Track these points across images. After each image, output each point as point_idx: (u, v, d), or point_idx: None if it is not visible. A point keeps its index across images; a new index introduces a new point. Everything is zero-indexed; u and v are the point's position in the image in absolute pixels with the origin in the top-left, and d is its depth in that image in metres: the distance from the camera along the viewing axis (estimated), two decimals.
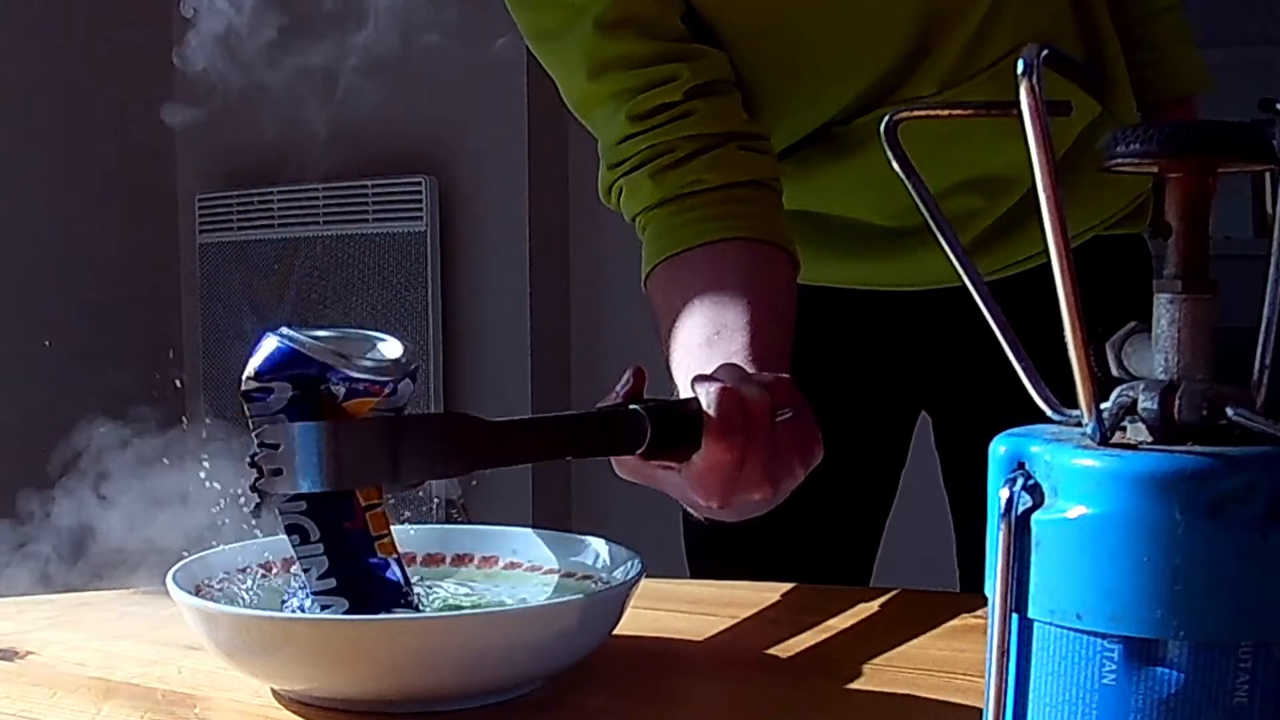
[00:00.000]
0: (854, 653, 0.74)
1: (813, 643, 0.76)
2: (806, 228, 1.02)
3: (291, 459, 0.60)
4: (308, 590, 0.68)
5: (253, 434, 0.65)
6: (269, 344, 0.66)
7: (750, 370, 0.78)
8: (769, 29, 0.95)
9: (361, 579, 0.68)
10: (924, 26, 0.94)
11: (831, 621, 0.81)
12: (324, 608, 0.67)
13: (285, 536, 0.67)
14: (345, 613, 0.67)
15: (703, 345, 0.82)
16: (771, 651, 0.75)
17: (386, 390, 0.68)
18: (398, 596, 0.69)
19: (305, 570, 0.67)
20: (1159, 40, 1.10)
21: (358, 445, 0.61)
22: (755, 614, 0.83)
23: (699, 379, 0.72)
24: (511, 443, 0.68)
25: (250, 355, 0.66)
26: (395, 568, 0.70)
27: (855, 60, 0.96)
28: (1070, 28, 1.01)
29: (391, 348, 0.69)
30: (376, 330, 0.71)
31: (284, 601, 0.70)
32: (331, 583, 0.67)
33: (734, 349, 0.81)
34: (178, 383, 2.80)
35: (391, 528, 0.70)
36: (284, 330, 0.66)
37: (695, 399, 0.71)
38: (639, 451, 0.70)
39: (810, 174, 1.01)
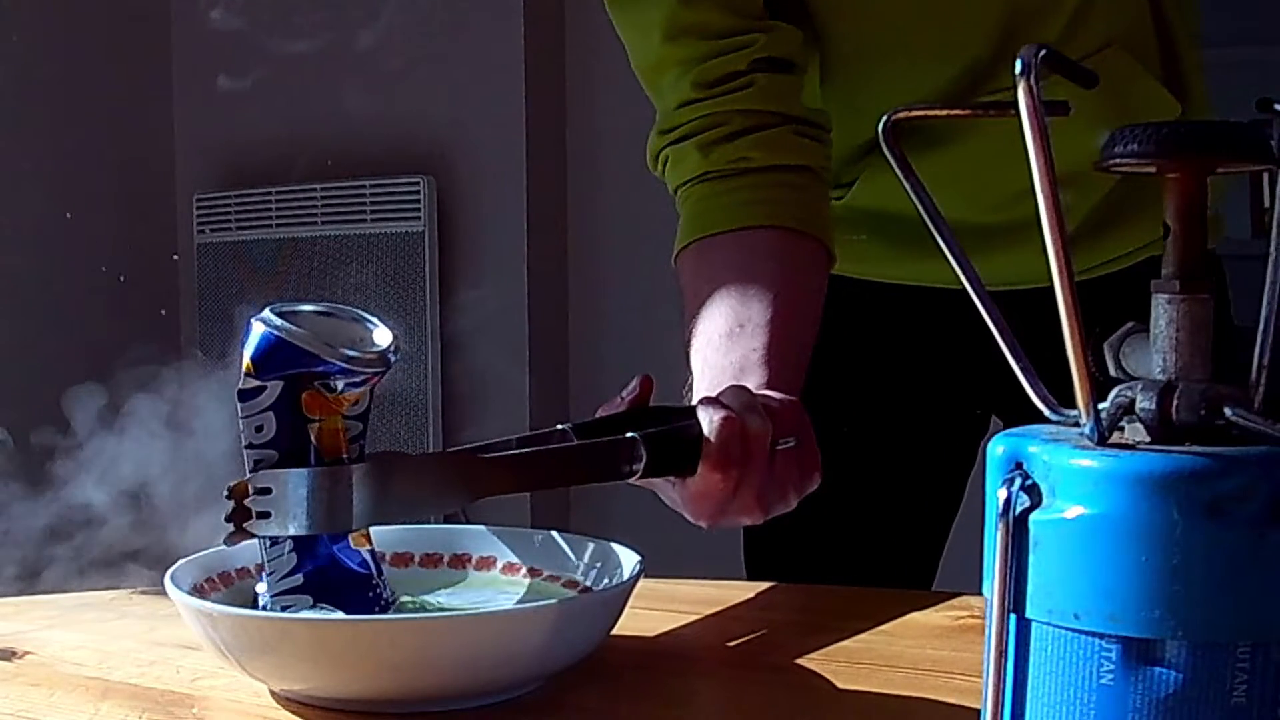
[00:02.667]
0: (854, 653, 0.74)
1: (815, 642, 0.76)
2: (893, 226, 1.02)
3: (283, 503, 0.61)
4: (269, 593, 0.68)
5: (240, 432, 0.65)
6: (257, 331, 0.65)
7: (763, 377, 0.78)
8: (861, 6, 0.95)
9: (330, 572, 0.67)
10: (1010, 18, 0.94)
11: (831, 622, 0.80)
12: (285, 608, 0.67)
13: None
14: (309, 609, 0.67)
15: (724, 337, 0.82)
16: (771, 651, 0.75)
17: (378, 380, 0.67)
18: (366, 589, 0.69)
19: (270, 573, 0.67)
20: None
21: (349, 490, 0.61)
22: (755, 614, 0.83)
23: (705, 402, 0.72)
24: (506, 477, 0.67)
25: (242, 346, 0.65)
26: (368, 559, 0.69)
27: (945, 45, 0.96)
28: (1149, 32, 1.01)
29: (382, 334, 0.68)
30: (365, 313, 0.70)
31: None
32: (297, 580, 0.67)
33: (753, 345, 0.81)
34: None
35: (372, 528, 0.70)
36: (270, 317, 0.65)
37: (697, 422, 0.71)
38: (635, 478, 0.70)
39: (891, 173, 1.00)
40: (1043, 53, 0.39)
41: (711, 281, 0.86)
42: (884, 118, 0.48)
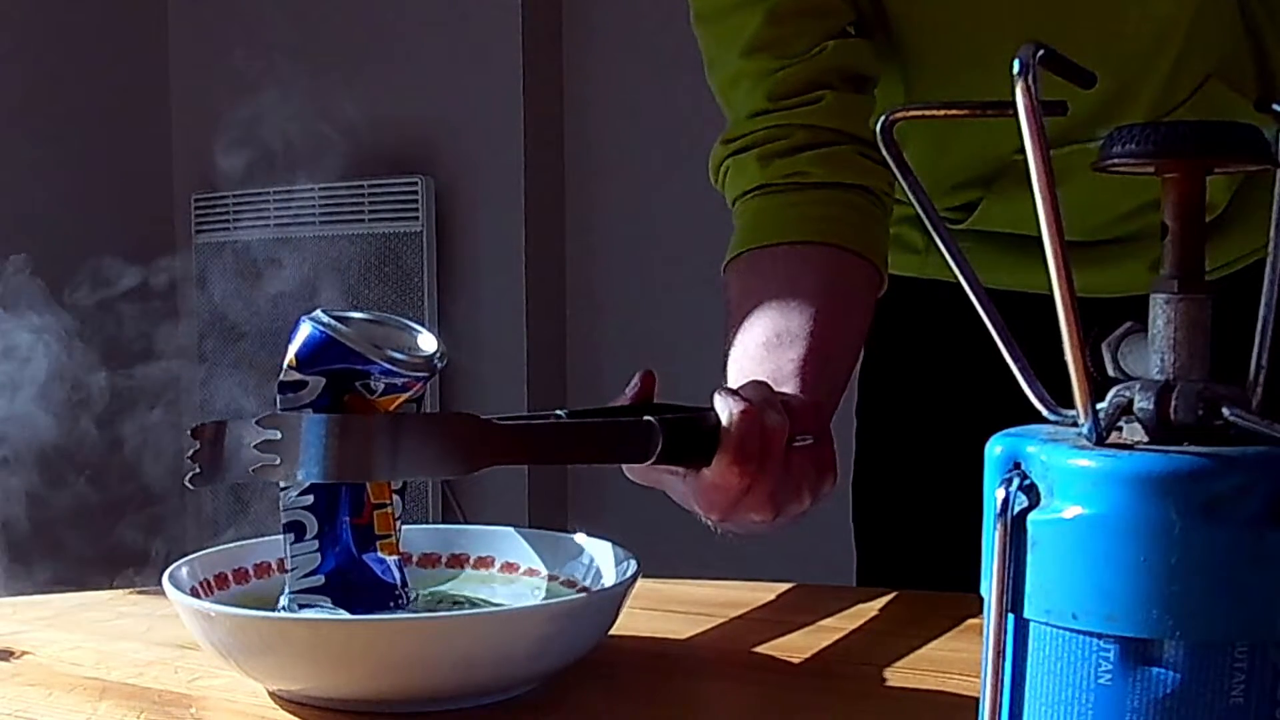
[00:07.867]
0: (852, 653, 0.74)
1: (811, 643, 0.76)
2: (1005, 243, 1.01)
3: (292, 449, 0.59)
4: (288, 591, 0.68)
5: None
6: (304, 330, 0.65)
7: (795, 389, 0.77)
8: (952, 53, 0.94)
9: (353, 576, 0.67)
10: (1118, 76, 0.93)
11: (830, 622, 0.81)
12: (302, 606, 0.67)
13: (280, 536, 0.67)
14: (329, 610, 0.67)
15: (760, 347, 0.81)
16: (770, 651, 0.75)
17: (420, 385, 0.67)
18: (389, 598, 0.69)
19: (292, 570, 0.67)
20: None
21: (360, 441, 0.61)
22: (753, 614, 0.83)
23: (723, 393, 0.71)
24: (517, 446, 0.66)
25: (288, 343, 0.65)
26: (394, 569, 0.69)
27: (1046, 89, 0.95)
28: (1249, 60, 1.00)
29: (426, 340, 0.68)
30: (413, 321, 0.69)
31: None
32: (318, 580, 0.67)
33: (790, 356, 0.80)
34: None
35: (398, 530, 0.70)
36: (320, 316, 0.65)
37: (714, 412, 0.70)
38: (648, 462, 0.69)
39: (1014, 200, 0.99)
40: (1040, 52, 0.39)
41: (755, 293, 0.85)
42: (882, 118, 0.47)
